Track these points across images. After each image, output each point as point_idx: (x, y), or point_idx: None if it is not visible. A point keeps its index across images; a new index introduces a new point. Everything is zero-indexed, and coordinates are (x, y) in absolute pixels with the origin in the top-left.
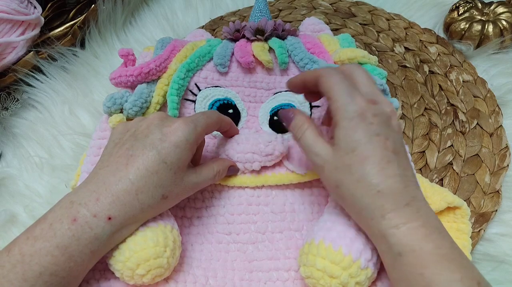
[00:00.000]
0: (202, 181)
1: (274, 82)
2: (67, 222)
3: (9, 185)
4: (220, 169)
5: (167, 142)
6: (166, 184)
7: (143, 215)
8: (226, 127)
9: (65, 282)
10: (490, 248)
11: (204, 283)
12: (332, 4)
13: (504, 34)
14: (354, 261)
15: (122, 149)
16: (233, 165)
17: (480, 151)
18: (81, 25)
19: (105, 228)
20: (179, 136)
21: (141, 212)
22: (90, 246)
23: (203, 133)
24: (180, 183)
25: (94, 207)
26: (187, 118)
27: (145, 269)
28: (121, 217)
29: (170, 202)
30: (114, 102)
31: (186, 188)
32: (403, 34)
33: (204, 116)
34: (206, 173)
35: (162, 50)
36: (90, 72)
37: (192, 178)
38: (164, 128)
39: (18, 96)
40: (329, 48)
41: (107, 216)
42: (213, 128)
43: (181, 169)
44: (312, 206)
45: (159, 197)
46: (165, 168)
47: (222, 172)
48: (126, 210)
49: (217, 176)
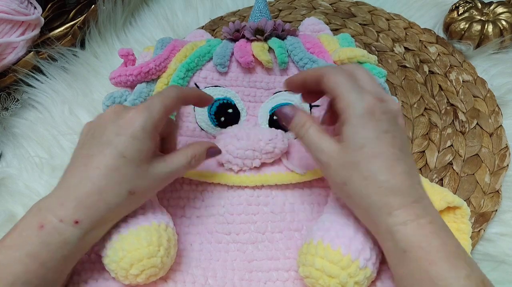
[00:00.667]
0: (175, 170)
1: (273, 82)
2: (35, 229)
3: (9, 184)
4: (195, 153)
5: (122, 135)
6: (130, 179)
7: (113, 215)
8: (194, 100)
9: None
10: (490, 248)
11: (204, 283)
12: (332, 4)
13: (504, 34)
14: (353, 261)
15: (82, 151)
16: (212, 147)
17: (480, 150)
18: (81, 26)
19: (73, 232)
20: (135, 126)
21: (109, 212)
22: (61, 251)
23: (162, 117)
24: (147, 176)
25: (60, 212)
26: (140, 106)
27: (138, 269)
28: (88, 220)
29: (140, 197)
30: (114, 101)
31: (156, 180)
32: (403, 34)
33: (160, 99)
34: (178, 160)
35: (162, 50)
36: (90, 72)
37: (161, 168)
38: (119, 121)
39: (18, 96)
40: (329, 48)
41: (73, 220)
42: (175, 107)
43: (144, 161)
44: (312, 206)
45: (125, 193)
46: (126, 163)
47: (199, 157)
48: (92, 212)
49: (192, 161)
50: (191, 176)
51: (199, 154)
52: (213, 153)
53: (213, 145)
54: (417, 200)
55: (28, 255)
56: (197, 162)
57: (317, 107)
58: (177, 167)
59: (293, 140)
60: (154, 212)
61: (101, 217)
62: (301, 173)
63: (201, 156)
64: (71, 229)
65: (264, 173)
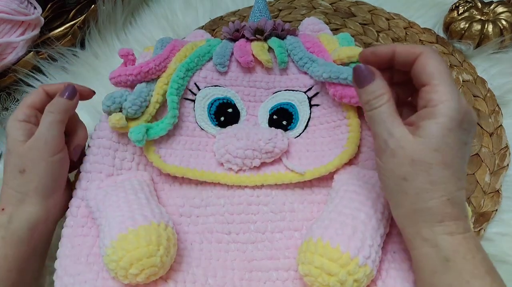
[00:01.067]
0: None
1: (273, 82)
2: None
3: None
4: (50, 109)
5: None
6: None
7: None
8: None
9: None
10: (490, 248)
11: (204, 282)
12: (332, 4)
13: (504, 34)
14: (352, 259)
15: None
16: (69, 85)
17: (480, 150)
18: (81, 26)
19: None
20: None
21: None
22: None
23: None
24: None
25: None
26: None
27: (138, 269)
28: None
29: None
30: (114, 101)
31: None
32: (403, 34)
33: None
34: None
35: (162, 50)
36: (90, 72)
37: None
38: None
39: (18, 96)
40: (329, 47)
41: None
42: (39, 100)
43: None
44: (312, 206)
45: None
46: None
47: (57, 112)
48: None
49: (49, 119)
50: (191, 175)
51: (56, 109)
52: (69, 90)
53: (64, 85)
54: (466, 216)
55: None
56: (59, 114)
57: (317, 107)
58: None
59: (293, 140)
60: (153, 211)
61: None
62: (301, 172)
63: (60, 106)
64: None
65: (264, 173)
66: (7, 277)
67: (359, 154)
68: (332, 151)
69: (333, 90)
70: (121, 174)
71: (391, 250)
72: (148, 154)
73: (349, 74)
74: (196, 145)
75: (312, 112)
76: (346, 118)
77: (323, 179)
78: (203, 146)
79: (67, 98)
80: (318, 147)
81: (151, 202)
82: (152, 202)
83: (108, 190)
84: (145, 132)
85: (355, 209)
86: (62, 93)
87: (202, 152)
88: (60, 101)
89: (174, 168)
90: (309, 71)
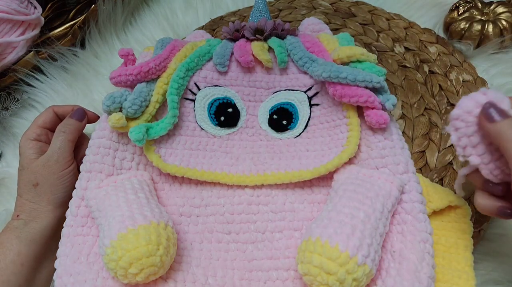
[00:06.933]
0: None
1: (273, 81)
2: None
3: (9, 184)
4: (62, 129)
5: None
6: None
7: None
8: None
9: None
10: (490, 248)
11: (204, 282)
12: (332, 4)
13: (504, 34)
14: (351, 258)
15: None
16: (78, 107)
17: None
18: (81, 25)
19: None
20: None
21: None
22: (15, 233)
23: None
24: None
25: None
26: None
27: (137, 268)
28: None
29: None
30: (114, 101)
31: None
32: (403, 34)
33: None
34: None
35: (162, 50)
36: (90, 72)
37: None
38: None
39: (18, 96)
40: (328, 47)
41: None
42: (49, 120)
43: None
44: (312, 205)
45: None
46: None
47: (69, 133)
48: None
49: (61, 138)
50: (191, 175)
51: (68, 130)
52: (79, 114)
53: (75, 107)
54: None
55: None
56: (70, 134)
57: (317, 106)
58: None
59: (293, 139)
60: (153, 211)
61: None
62: (302, 171)
63: (71, 126)
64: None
65: (264, 173)
66: (20, 271)
67: (358, 153)
68: (332, 150)
69: (332, 89)
70: (121, 173)
71: (391, 249)
72: (148, 154)
73: (349, 73)
74: (196, 144)
75: (312, 112)
76: (346, 118)
77: (323, 178)
78: (203, 146)
79: (77, 120)
80: (318, 147)
81: (151, 201)
82: (152, 202)
83: (108, 189)
84: (145, 132)
85: (354, 208)
86: (73, 115)
87: (202, 151)
88: (71, 122)
89: (174, 168)
90: (309, 70)
